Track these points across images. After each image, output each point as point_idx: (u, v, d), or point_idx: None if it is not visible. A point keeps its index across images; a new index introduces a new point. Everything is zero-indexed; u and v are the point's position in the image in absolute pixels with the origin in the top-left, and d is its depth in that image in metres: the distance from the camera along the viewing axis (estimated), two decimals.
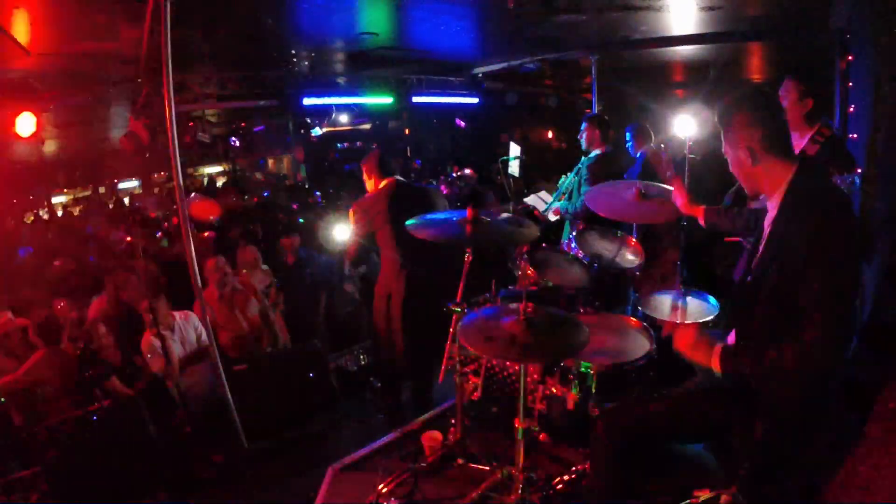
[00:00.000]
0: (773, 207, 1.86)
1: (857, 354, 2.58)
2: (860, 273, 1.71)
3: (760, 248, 1.91)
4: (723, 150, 1.94)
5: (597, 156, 4.62)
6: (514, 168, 6.09)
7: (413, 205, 3.42)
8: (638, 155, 5.39)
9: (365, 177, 3.90)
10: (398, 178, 3.83)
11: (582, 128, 4.74)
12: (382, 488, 2.76)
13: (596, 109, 6.79)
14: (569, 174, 4.95)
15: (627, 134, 5.60)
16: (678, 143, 5.72)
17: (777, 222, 1.82)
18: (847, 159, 2.92)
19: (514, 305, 2.27)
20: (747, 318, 1.89)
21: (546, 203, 5.37)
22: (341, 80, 8.00)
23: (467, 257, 2.75)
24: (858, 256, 1.73)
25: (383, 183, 3.79)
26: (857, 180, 2.74)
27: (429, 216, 2.88)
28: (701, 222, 2.64)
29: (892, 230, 2.96)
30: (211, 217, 5.15)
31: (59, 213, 12.09)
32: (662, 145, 5.98)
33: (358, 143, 13.18)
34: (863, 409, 2.14)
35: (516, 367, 2.72)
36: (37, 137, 4.65)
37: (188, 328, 4.37)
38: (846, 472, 1.97)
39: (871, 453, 1.97)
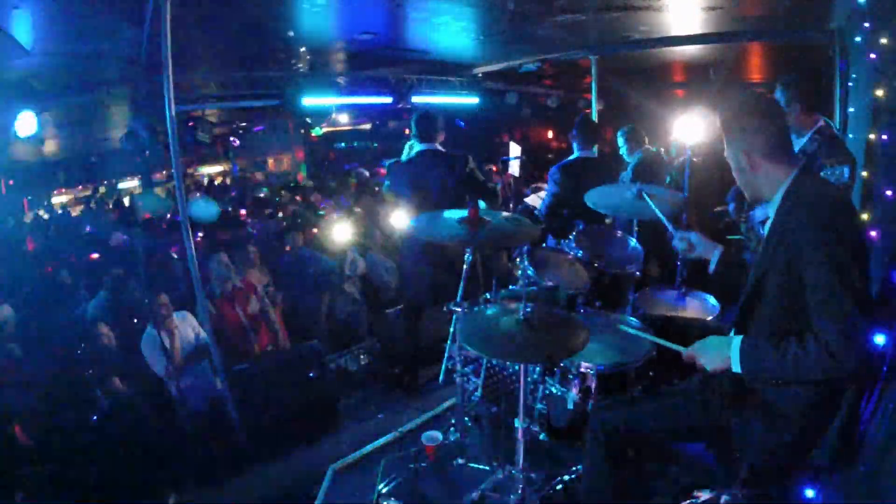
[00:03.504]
0: (772, 213, 1.85)
1: None
2: (867, 271, 1.67)
3: (759, 251, 1.89)
4: (725, 154, 1.92)
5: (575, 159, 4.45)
6: (514, 168, 6.07)
7: None
8: (631, 158, 5.30)
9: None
10: None
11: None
12: (382, 488, 2.76)
13: (596, 109, 6.77)
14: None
15: (620, 138, 5.45)
16: (679, 144, 5.71)
17: (775, 225, 1.81)
18: (839, 153, 2.90)
19: (514, 305, 2.28)
20: (753, 322, 1.86)
21: None
22: (341, 80, 7.98)
23: (468, 257, 2.75)
24: (863, 254, 1.69)
25: None
26: (847, 172, 2.72)
27: (428, 216, 2.87)
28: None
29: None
30: None
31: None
32: (662, 149, 5.97)
33: (356, 143, 13.19)
34: None
35: (516, 367, 2.72)
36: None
37: (186, 328, 4.37)
38: None
39: None
